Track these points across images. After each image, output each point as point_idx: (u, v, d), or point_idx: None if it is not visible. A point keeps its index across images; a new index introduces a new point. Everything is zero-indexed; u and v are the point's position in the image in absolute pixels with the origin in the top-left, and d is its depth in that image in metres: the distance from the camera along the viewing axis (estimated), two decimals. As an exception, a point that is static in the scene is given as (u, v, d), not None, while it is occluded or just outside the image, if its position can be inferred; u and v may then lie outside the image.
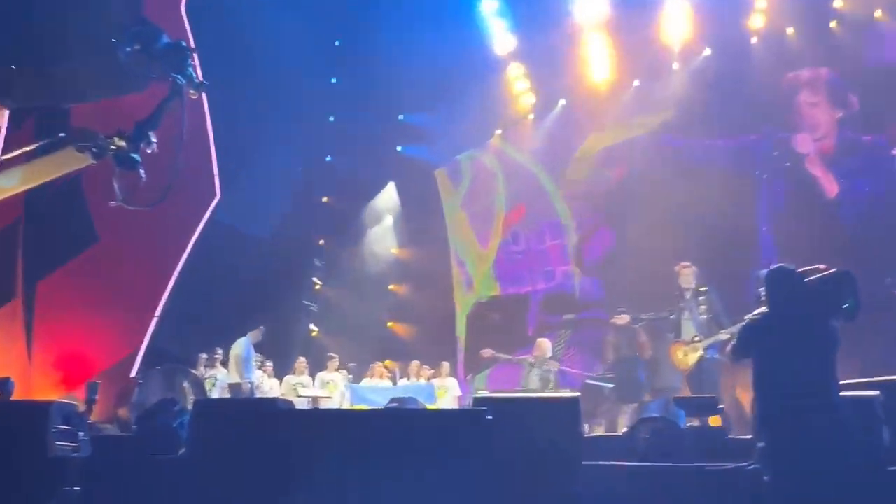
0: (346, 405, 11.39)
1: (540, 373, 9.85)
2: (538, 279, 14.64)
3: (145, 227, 9.91)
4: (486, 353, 10.61)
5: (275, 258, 13.88)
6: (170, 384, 9.62)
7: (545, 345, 10.44)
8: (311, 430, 5.11)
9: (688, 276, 7.93)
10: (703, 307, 7.64)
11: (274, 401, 6.39)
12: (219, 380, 10.82)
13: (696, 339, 7.71)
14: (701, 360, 7.70)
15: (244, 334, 10.90)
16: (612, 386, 9.57)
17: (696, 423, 5.75)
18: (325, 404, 11.23)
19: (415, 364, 12.20)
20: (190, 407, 6.25)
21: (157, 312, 11.02)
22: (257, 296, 13.27)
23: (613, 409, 9.53)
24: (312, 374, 11.75)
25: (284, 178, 14.28)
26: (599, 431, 9.25)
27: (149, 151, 3.57)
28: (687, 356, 7.73)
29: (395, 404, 7.93)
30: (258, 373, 11.07)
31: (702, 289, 7.86)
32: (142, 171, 3.58)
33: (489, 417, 4.88)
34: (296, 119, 13.65)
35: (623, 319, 8.54)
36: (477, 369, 13.46)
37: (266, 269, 13.51)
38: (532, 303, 14.59)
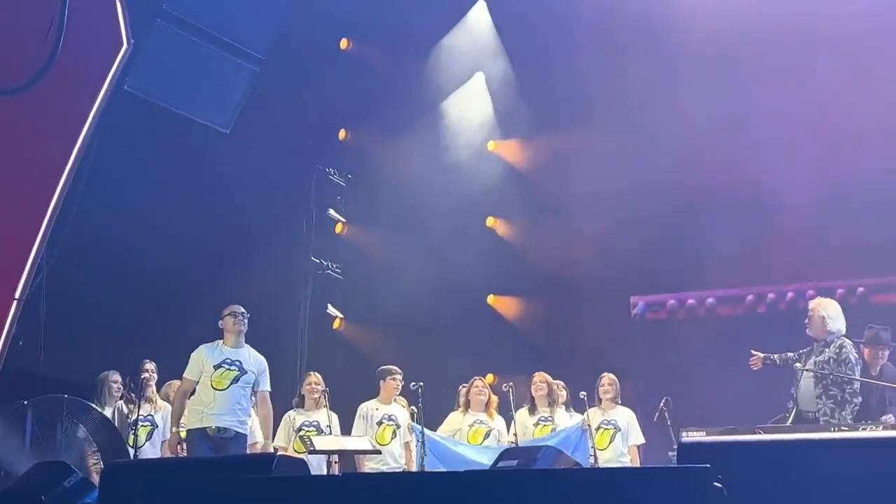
0: (412, 466, 11.56)
1: (829, 369, 9.94)
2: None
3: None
4: (756, 360, 10.78)
5: (249, 169, 14.13)
6: (50, 433, 9.88)
7: (830, 308, 10.40)
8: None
9: None
10: None
11: (268, 460, 6.44)
12: (159, 426, 11.10)
13: None
14: None
15: (197, 333, 11.05)
16: None
17: None
18: (371, 466, 11.43)
19: (539, 379, 12.19)
20: (95, 477, 6.40)
21: (18, 293, 11.31)
22: (216, 249, 13.57)
23: None
24: (335, 407, 11.87)
25: (257, 3, 14.36)
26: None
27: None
28: None
29: (512, 461, 7.90)
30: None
31: None
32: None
33: (716, 484, 4.80)
34: None
35: None
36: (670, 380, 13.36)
37: (232, 193, 13.80)
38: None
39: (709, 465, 4.93)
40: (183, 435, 10.58)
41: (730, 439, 6.56)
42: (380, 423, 11.80)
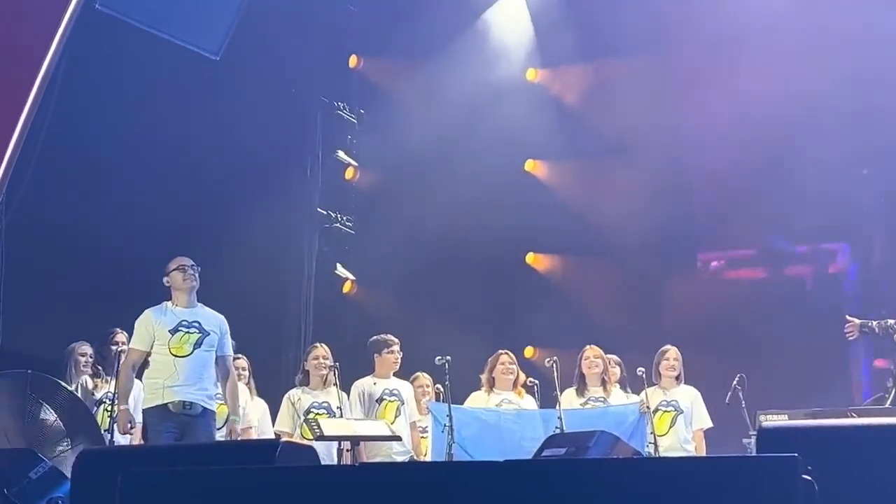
0: (429, 455, 11.66)
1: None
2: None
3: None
4: (852, 327, 10.94)
5: (242, 103, 14.14)
6: (16, 416, 10.00)
7: None
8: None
9: None
10: None
11: (270, 446, 6.47)
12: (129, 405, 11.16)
13: None
14: None
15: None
16: None
17: None
18: (383, 453, 11.50)
19: (591, 354, 12.17)
20: (67, 467, 6.44)
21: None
22: (203, 199, 13.67)
23: None
24: (347, 386, 11.90)
25: None
26: None
27: None
28: None
29: (560, 449, 7.90)
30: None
31: None
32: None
33: (805, 476, 4.79)
34: None
35: None
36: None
37: (222, 132, 13.80)
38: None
39: (796, 455, 4.91)
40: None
41: (818, 423, 6.55)
42: (380, 401, 11.74)
